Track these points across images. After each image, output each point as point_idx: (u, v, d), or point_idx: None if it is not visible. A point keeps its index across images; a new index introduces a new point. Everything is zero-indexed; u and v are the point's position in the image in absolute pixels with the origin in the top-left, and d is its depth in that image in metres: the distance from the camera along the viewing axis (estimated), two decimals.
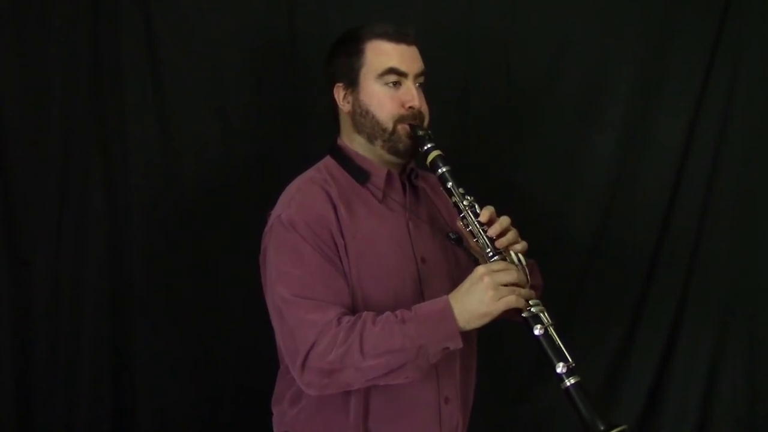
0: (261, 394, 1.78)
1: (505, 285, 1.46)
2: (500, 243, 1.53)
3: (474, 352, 1.75)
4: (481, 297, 1.46)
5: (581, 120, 2.41)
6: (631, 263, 2.45)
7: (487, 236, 1.54)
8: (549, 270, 2.26)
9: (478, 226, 1.55)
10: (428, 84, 1.70)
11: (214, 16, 2.16)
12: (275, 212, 1.63)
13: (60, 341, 2.06)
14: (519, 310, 1.48)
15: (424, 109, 1.66)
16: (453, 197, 1.58)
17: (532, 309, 1.48)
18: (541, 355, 1.48)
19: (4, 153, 1.98)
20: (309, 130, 2.22)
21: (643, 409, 2.46)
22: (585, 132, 2.41)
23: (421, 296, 1.62)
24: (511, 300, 1.46)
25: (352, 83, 1.65)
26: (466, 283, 1.50)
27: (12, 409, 2.01)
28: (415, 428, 1.63)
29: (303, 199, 1.61)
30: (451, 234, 1.63)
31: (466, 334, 1.52)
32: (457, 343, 1.50)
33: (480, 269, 1.48)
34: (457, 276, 1.65)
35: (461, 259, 1.67)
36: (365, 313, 1.53)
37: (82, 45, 2.05)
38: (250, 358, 2.08)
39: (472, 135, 2.34)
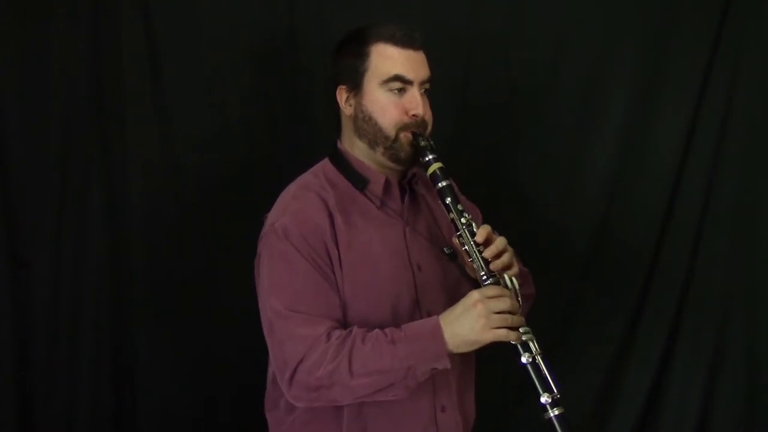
0: (261, 394, 1.77)
1: (498, 313, 1.46)
2: (495, 265, 1.52)
3: (472, 357, 1.73)
4: (472, 324, 1.46)
5: (581, 120, 2.41)
6: (631, 264, 2.45)
7: (482, 257, 1.52)
8: (549, 270, 2.27)
9: (474, 246, 1.53)
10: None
11: (214, 17, 2.16)
12: (270, 219, 1.62)
13: (60, 341, 2.06)
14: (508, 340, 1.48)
15: (428, 117, 1.64)
16: (451, 213, 1.57)
17: (521, 337, 1.48)
18: (526, 383, 1.48)
19: (4, 153, 1.98)
20: (309, 130, 2.23)
21: (643, 409, 2.47)
22: (585, 132, 2.42)
23: (417, 305, 1.61)
24: (501, 334, 1.45)
25: (356, 87, 1.62)
26: (459, 308, 1.48)
27: (12, 409, 2.01)
28: None
29: (299, 207, 1.59)
30: (445, 249, 1.61)
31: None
32: (445, 364, 1.49)
33: (474, 295, 1.47)
34: (451, 288, 1.65)
35: (456, 273, 1.65)
36: (355, 329, 1.52)
37: (82, 44, 2.04)
38: (250, 358, 2.08)
39: (471, 135, 2.34)
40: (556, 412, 1.45)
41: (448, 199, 1.57)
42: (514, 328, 1.47)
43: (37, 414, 2.05)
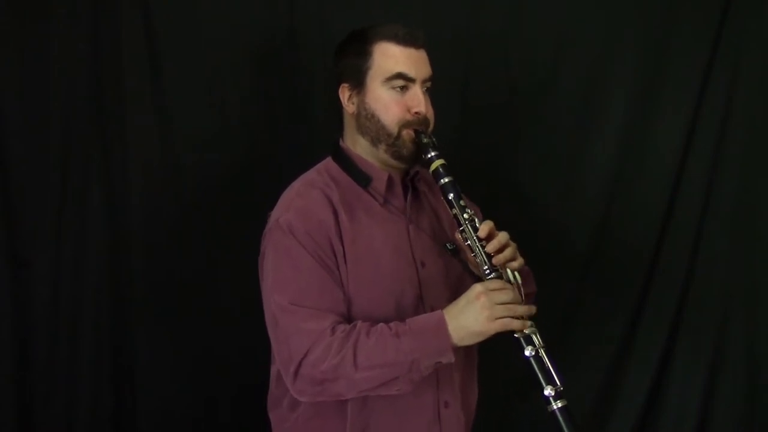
0: (261, 394, 1.78)
1: (502, 304, 1.47)
2: (497, 260, 1.53)
3: (474, 354, 1.74)
4: (476, 316, 1.47)
5: (581, 120, 2.41)
6: (631, 264, 2.45)
7: (484, 252, 1.53)
8: (549, 270, 2.27)
9: (476, 241, 1.54)
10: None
11: (214, 17, 2.16)
12: (274, 215, 1.63)
13: (60, 341, 2.06)
14: (512, 330, 1.49)
15: (430, 114, 1.65)
16: (453, 209, 1.58)
17: (525, 330, 1.48)
18: (530, 376, 1.48)
19: (4, 153, 1.98)
20: (309, 130, 2.23)
21: (643, 409, 2.47)
22: (585, 132, 2.42)
23: (420, 301, 1.62)
24: (506, 323, 1.47)
25: (359, 85, 1.64)
26: (462, 300, 1.50)
27: (12, 409, 2.01)
28: None
29: (303, 204, 1.60)
30: (448, 245, 1.63)
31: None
32: (449, 358, 1.50)
33: (477, 287, 1.49)
34: (454, 284, 1.66)
35: (459, 269, 1.66)
36: (359, 323, 1.53)
37: (82, 44, 2.04)
38: (250, 358, 2.08)
39: (471, 135, 2.34)
40: (560, 405, 1.46)
41: (451, 194, 1.58)
42: (518, 318, 1.48)
43: (37, 414, 2.05)
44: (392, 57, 1.61)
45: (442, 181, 1.59)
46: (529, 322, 1.49)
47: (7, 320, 1.99)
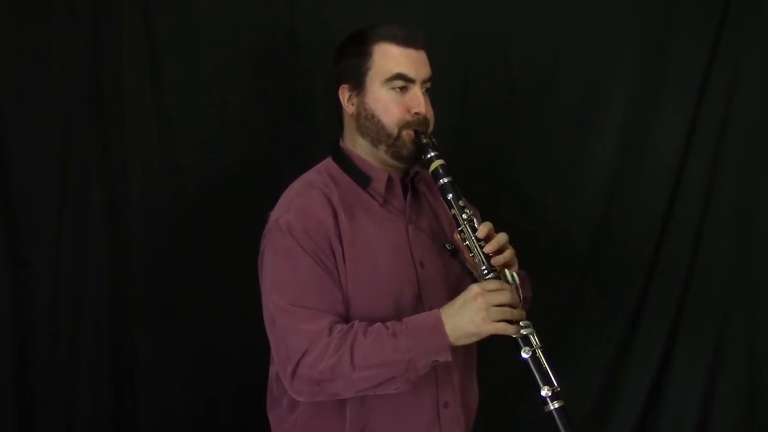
0: (261, 394, 1.78)
1: (498, 306, 1.47)
2: (496, 261, 1.54)
3: (473, 353, 1.74)
4: (472, 317, 1.47)
5: (581, 120, 2.41)
6: (631, 264, 2.45)
7: (483, 253, 1.54)
8: (549, 270, 2.27)
9: (475, 241, 1.55)
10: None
11: (214, 17, 2.16)
12: (274, 215, 1.63)
13: (60, 341, 2.06)
14: (507, 334, 1.49)
15: (430, 115, 1.66)
16: (452, 209, 1.58)
17: (522, 331, 1.49)
18: (527, 377, 1.48)
19: (4, 153, 1.98)
20: (309, 130, 2.23)
21: (643, 409, 2.47)
22: (585, 132, 2.42)
23: (419, 301, 1.62)
24: (500, 327, 1.47)
25: (358, 86, 1.64)
26: (459, 300, 1.50)
27: (12, 409, 2.01)
28: None
29: (303, 204, 1.61)
30: (447, 245, 1.63)
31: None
32: (446, 357, 1.51)
33: (474, 288, 1.49)
34: (453, 284, 1.66)
35: (458, 269, 1.66)
36: (357, 323, 1.53)
37: (82, 44, 2.04)
38: (250, 358, 2.08)
39: (471, 135, 2.34)
40: (556, 405, 1.46)
41: (450, 195, 1.58)
42: (514, 322, 1.48)
43: (37, 414, 2.05)
44: (392, 58, 1.61)
45: (441, 181, 1.59)
46: (525, 322, 1.49)
47: (7, 320, 1.99)
